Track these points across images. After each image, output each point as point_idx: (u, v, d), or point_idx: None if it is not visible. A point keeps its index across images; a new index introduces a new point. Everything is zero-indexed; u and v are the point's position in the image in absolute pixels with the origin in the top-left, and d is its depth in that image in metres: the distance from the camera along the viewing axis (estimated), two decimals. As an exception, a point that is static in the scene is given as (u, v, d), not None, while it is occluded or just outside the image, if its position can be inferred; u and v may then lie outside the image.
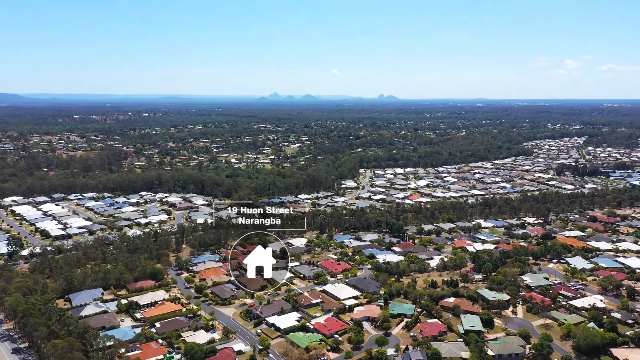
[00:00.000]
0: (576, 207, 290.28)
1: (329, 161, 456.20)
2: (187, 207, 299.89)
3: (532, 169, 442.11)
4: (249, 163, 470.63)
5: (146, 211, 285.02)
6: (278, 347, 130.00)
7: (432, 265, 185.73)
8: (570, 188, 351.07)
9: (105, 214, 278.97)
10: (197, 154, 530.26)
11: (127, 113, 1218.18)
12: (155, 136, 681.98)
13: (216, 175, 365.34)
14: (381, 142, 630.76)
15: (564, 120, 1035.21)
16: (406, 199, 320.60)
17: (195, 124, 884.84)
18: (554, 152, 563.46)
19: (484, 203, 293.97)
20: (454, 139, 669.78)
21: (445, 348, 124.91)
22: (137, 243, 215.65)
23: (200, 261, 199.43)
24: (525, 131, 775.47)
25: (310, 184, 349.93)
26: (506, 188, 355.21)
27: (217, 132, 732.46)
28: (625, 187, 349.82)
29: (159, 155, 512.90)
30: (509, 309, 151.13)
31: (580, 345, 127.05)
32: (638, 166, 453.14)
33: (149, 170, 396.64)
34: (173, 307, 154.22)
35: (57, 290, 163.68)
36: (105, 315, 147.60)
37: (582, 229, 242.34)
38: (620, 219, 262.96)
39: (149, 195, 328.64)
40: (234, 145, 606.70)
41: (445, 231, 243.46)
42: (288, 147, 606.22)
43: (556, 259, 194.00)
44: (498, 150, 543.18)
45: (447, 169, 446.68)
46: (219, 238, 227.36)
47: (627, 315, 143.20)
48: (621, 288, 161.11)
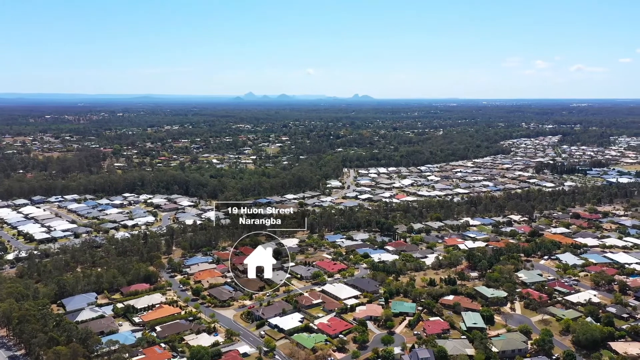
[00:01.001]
0: (558, 205, 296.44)
1: (312, 161, 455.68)
2: (172, 208, 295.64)
3: (511, 168, 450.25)
4: (231, 163, 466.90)
5: (131, 213, 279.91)
6: (283, 348, 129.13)
7: (428, 264, 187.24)
8: (550, 186, 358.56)
9: (90, 216, 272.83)
10: (177, 155, 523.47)
11: (101, 113, 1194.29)
12: (132, 136, 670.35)
13: (200, 175, 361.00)
14: (361, 142, 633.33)
15: (537, 119, 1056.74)
16: (392, 198, 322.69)
17: (172, 124, 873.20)
18: (531, 150, 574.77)
19: (470, 201, 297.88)
20: (433, 138, 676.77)
21: (451, 345, 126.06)
22: (126, 245, 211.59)
23: (192, 263, 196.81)
24: (502, 130, 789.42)
25: (295, 184, 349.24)
26: (489, 186, 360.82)
27: (195, 132, 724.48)
28: (602, 184, 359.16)
29: (138, 156, 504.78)
30: (507, 306, 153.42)
31: (580, 340, 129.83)
32: (612, 164, 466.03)
33: (130, 171, 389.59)
34: (171, 310, 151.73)
35: (49, 295, 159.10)
36: (103, 320, 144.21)
37: (567, 226, 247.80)
38: (602, 216, 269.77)
39: (133, 196, 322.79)
40: (214, 145, 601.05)
41: (435, 229, 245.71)
42: (269, 147, 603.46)
43: (547, 255, 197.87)
44: (477, 149, 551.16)
45: (430, 168, 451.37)
46: (210, 239, 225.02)
47: (621, 309, 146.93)
48: (613, 283, 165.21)
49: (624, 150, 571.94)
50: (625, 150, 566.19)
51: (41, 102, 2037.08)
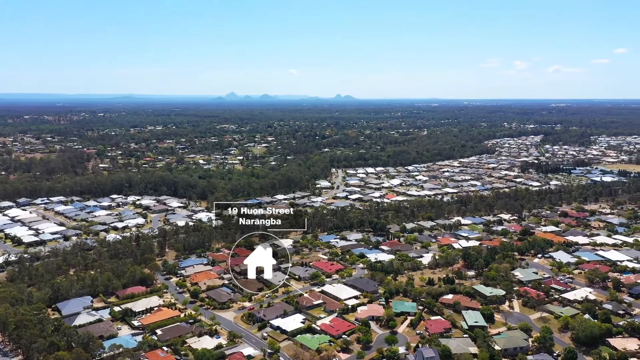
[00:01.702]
0: (546, 204, 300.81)
1: (300, 161, 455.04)
2: (162, 209, 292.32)
3: (497, 167, 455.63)
4: (218, 164, 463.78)
5: (121, 215, 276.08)
6: (287, 349, 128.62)
7: (425, 263, 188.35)
8: (536, 185, 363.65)
9: (78, 218, 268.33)
10: (162, 155, 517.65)
11: (81, 113, 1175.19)
12: (116, 137, 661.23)
13: (189, 176, 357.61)
14: (347, 142, 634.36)
15: (518, 119, 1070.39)
16: (382, 198, 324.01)
17: (155, 125, 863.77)
18: (515, 150, 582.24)
19: (460, 201, 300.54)
20: (418, 138, 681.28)
21: (454, 344, 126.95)
22: (119, 248, 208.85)
23: (187, 265, 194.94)
24: (485, 130, 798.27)
25: (285, 185, 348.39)
26: (477, 186, 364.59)
27: (179, 133, 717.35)
28: (587, 183, 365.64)
29: (123, 157, 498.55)
30: (505, 304, 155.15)
31: (580, 337, 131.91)
32: (595, 163, 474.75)
33: (117, 173, 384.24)
34: (171, 312, 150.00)
35: (43, 299, 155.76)
36: (101, 324, 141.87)
37: (556, 224, 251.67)
38: (589, 214, 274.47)
39: (121, 198, 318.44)
40: (200, 145, 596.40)
41: (427, 229, 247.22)
42: (255, 147, 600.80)
43: (540, 254, 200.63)
44: (462, 149, 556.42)
45: (417, 167, 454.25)
46: (203, 241, 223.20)
47: (617, 306, 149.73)
48: (607, 280, 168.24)
49: (605, 149, 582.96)
50: (606, 150, 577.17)
51: (18, 102, 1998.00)
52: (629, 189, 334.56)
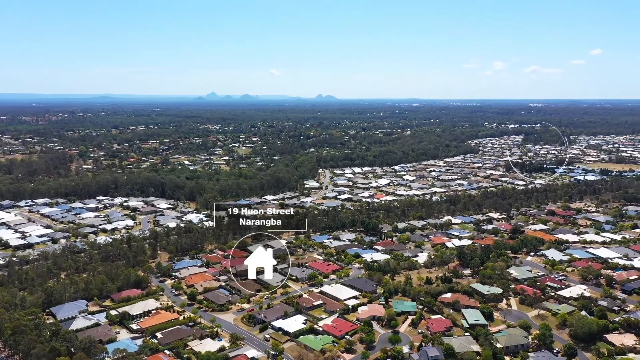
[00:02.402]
0: (533, 202, 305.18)
1: (287, 161, 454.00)
2: (151, 211, 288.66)
3: (482, 167, 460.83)
4: (203, 164, 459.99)
5: (108, 216, 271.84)
6: (290, 351, 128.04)
7: (420, 262, 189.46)
8: (522, 184, 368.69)
9: (65, 220, 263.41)
10: (146, 156, 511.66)
11: (59, 114, 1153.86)
12: (97, 138, 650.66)
13: (176, 177, 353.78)
14: (332, 142, 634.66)
15: (499, 119, 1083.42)
16: (372, 197, 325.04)
17: (136, 125, 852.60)
18: (498, 150, 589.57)
19: (449, 200, 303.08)
20: (402, 138, 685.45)
21: (457, 343, 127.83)
22: (110, 250, 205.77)
23: (182, 267, 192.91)
24: (467, 130, 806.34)
25: (274, 185, 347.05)
26: (464, 185, 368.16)
27: (162, 133, 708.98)
28: (570, 182, 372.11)
29: (105, 158, 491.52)
30: (503, 302, 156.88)
31: (578, 333, 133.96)
32: (576, 162, 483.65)
33: (102, 174, 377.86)
34: (169, 315, 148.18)
35: (36, 303, 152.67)
36: (99, 328, 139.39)
37: (545, 223, 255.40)
38: (576, 212, 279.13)
39: (107, 199, 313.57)
40: (184, 146, 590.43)
41: (419, 228, 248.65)
42: (239, 147, 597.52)
43: (533, 252, 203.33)
44: (447, 149, 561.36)
45: (403, 167, 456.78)
46: (196, 242, 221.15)
47: (612, 302, 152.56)
48: (600, 277, 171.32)
49: (585, 149, 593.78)
50: (586, 149, 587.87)
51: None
52: (612, 187, 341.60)
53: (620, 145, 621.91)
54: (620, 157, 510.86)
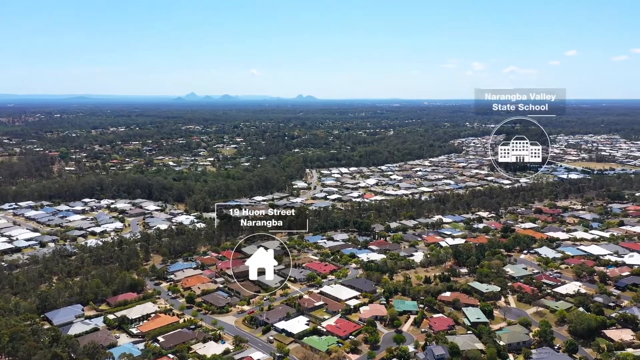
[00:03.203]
0: (520, 201, 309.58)
1: (274, 162, 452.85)
2: (139, 213, 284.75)
3: (467, 166, 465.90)
4: (189, 165, 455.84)
5: (96, 219, 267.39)
6: (295, 352, 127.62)
7: (417, 262, 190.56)
8: (507, 183, 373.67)
9: (52, 223, 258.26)
10: (129, 157, 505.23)
11: (36, 114, 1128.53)
12: (77, 139, 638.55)
13: (163, 179, 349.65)
14: (317, 142, 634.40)
15: (479, 119, 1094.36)
16: (361, 197, 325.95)
17: (117, 126, 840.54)
18: (481, 149, 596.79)
19: (438, 199, 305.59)
20: (387, 138, 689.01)
21: (461, 341, 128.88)
22: (101, 253, 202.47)
23: (176, 269, 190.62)
24: (450, 130, 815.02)
25: (262, 186, 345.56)
26: (451, 184, 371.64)
27: (144, 134, 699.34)
28: (554, 180, 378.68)
29: (88, 159, 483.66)
30: (501, 300, 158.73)
31: (578, 329, 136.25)
32: (558, 161, 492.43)
33: (87, 175, 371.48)
34: (169, 319, 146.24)
35: (30, 309, 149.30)
36: (98, 332, 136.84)
37: (534, 221, 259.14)
38: (562, 211, 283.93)
39: (93, 202, 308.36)
40: (167, 147, 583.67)
41: (411, 228, 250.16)
42: (223, 148, 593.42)
43: (526, 250, 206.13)
44: (431, 149, 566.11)
45: (390, 167, 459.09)
46: (189, 244, 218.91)
47: (607, 298, 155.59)
48: (594, 274, 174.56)
49: (565, 148, 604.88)
50: (566, 148, 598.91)
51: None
52: (595, 186, 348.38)
53: (599, 144, 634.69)
54: (600, 155, 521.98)
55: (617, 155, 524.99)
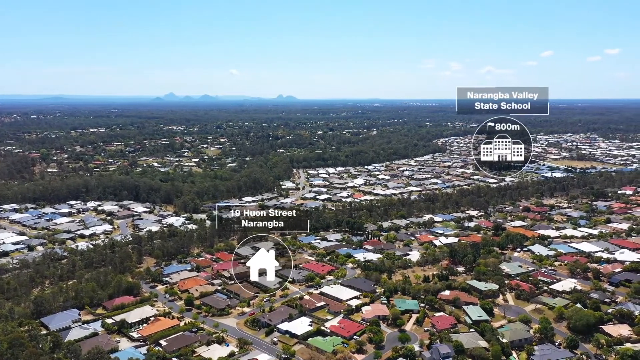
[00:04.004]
0: (507, 199, 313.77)
1: (261, 162, 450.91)
2: (127, 215, 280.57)
3: (452, 165, 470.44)
4: (173, 166, 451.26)
5: (84, 222, 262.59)
6: (301, 353, 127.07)
7: (413, 261, 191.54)
8: (493, 181, 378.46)
9: (39, 227, 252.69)
10: (112, 158, 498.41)
11: (12, 115, 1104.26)
12: (57, 140, 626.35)
13: (151, 180, 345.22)
14: (301, 142, 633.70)
15: (460, 119, 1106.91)
16: (351, 197, 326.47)
17: (97, 126, 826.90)
18: (464, 148, 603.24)
19: (428, 199, 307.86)
20: (370, 138, 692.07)
21: (465, 339, 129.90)
22: (93, 256, 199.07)
23: (172, 272, 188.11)
24: (432, 130, 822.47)
25: (251, 186, 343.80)
26: (438, 184, 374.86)
27: (126, 135, 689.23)
28: (539, 179, 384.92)
29: (70, 161, 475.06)
30: (499, 298, 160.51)
31: (577, 326, 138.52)
32: (540, 159, 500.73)
33: (72, 177, 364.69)
34: (170, 322, 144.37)
35: (25, 314, 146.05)
36: (99, 337, 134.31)
37: (523, 219, 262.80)
38: (549, 209, 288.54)
39: (80, 204, 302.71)
40: (151, 148, 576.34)
41: (403, 227, 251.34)
42: (208, 148, 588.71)
43: (519, 247, 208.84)
44: (416, 148, 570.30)
45: (376, 167, 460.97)
46: (182, 246, 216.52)
47: (602, 295, 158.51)
48: (587, 271, 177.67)
49: (546, 147, 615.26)
50: (547, 147, 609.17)
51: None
52: (578, 184, 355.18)
53: (578, 143, 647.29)
54: (580, 154, 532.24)
55: (597, 154, 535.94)
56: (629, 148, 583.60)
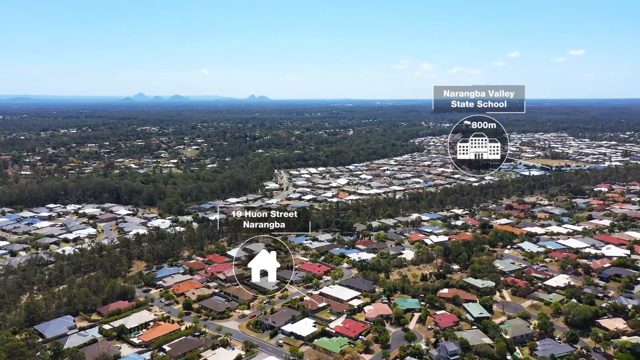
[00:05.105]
0: (489, 198, 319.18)
1: (242, 163, 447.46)
2: (110, 218, 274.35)
3: (431, 165, 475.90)
4: (152, 168, 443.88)
5: (66, 225, 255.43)
6: (308, 355, 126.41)
7: (408, 260, 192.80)
8: (474, 180, 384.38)
9: (19, 231, 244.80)
10: (87, 160, 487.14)
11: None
12: (28, 142, 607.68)
13: (132, 182, 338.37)
14: (279, 143, 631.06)
15: (434, 118, 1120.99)
16: (336, 197, 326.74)
17: (67, 127, 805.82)
18: (441, 148, 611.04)
19: (413, 198, 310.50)
20: (348, 138, 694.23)
21: (469, 336, 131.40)
22: (81, 261, 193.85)
23: (164, 275, 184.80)
24: (408, 129, 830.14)
25: (235, 187, 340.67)
26: (420, 183, 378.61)
27: (99, 136, 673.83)
28: (517, 177, 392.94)
29: (43, 163, 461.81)
30: (496, 295, 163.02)
31: (575, 320, 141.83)
32: (516, 158, 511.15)
33: (49, 180, 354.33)
34: (170, 326, 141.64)
35: (18, 322, 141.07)
36: (99, 344, 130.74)
37: (507, 217, 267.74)
38: (531, 206, 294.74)
39: (59, 207, 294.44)
40: (126, 149, 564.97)
41: (391, 226, 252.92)
42: (185, 149, 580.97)
43: (509, 245, 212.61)
44: (394, 148, 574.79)
45: (357, 167, 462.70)
46: (172, 249, 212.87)
47: (595, 289, 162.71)
48: (578, 267, 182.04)
49: (520, 145, 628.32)
50: (521, 146, 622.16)
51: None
52: (556, 182, 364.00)
53: (551, 142, 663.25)
54: (554, 153, 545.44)
55: (570, 153, 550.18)
56: (598, 147, 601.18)
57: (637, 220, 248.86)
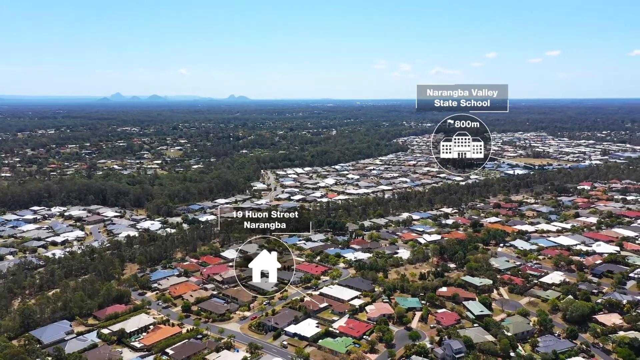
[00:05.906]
0: (477, 196, 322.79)
1: (228, 164, 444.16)
2: (97, 220, 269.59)
3: (417, 164, 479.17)
4: (136, 169, 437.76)
5: (52, 228, 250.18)
6: (313, 356, 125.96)
7: (404, 259, 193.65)
8: (460, 179, 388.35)
9: (4, 235, 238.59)
10: (68, 161, 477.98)
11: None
12: (5, 143, 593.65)
13: (118, 183, 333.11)
14: (263, 143, 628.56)
15: (415, 118, 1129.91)
16: (325, 197, 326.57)
17: (45, 128, 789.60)
18: (425, 147, 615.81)
19: (402, 197, 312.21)
20: (332, 138, 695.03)
21: (472, 334, 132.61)
22: (72, 264, 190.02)
23: (159, 278, 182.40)
24: (391, 129, 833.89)
25: (223, 188, 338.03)
26: (407, 182, 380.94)
27: (78, 137, 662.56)
28: (502, 176, 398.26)
29: (22, 164, 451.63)
30: (494, 292, 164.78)
31: (573, 316, 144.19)
32: (498, 157, 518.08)
33: (31, 182, 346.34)
34: (171, 330, 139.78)
35: (13, 328, 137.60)
36: (100, 349, 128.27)
37: (496, 215, 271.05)
38: (518, 204, 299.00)
39: (43, 209, 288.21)
40: (108, 150, 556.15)
41: (383, 226, 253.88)
42: (168, 150, 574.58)
43: (502, 243, 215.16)
44: (379, 148, 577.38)
45: (344, 166, 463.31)
46: (164, 251, 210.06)
47: (589, 286, 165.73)
48: (570, 264, 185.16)
49: (501, 145, 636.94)
50: (502, 145, 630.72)
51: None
52: (540, 180, 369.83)
53: (531, 141, 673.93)
54: (535, 152, 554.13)
55: (551, 152, 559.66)
56: (577, 145, 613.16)
57: (623, 217, 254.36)
